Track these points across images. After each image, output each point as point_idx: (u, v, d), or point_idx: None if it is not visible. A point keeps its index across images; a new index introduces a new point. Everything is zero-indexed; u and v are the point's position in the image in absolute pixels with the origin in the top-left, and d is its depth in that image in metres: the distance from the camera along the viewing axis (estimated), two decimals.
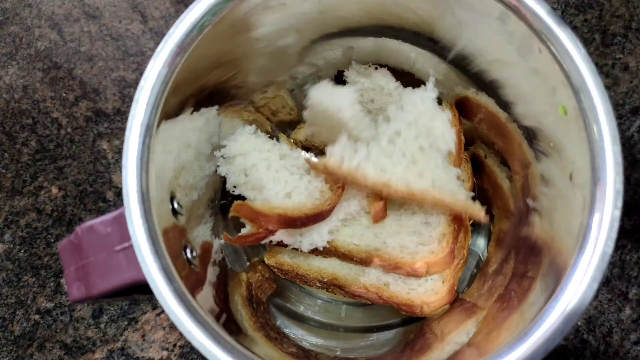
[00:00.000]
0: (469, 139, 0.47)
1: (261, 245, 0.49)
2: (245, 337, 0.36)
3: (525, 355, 0.28)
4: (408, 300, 0.42)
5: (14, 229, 0.54)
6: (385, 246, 0.43)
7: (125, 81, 0.56)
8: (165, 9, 0.58)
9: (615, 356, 0.50)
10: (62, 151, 0.55)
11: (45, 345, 0.52)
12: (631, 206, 0.51)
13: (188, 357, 0.51)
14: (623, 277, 0.51)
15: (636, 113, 0.53)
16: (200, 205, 0.41)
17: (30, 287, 0.53)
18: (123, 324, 0.52)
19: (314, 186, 0.41)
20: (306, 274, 0.46)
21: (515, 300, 0.36)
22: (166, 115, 0.32)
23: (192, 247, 0.36)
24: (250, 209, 0.38)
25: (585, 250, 0.29)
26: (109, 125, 0.56)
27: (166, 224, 0.32)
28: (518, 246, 0.40)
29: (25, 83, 0.57)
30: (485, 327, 0.36)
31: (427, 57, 0.43)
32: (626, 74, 0.54)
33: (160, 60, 0.32)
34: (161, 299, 0.29)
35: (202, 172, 0.41)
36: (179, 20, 0.32)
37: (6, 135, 0.56)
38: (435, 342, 0.39)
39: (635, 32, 0.55)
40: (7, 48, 0.57)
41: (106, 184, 0.55)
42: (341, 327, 0.48)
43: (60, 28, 0.58)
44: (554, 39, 0.31)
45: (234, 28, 0.35)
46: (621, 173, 0.29)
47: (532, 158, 0.38)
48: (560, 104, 0.33)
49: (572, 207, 0.32)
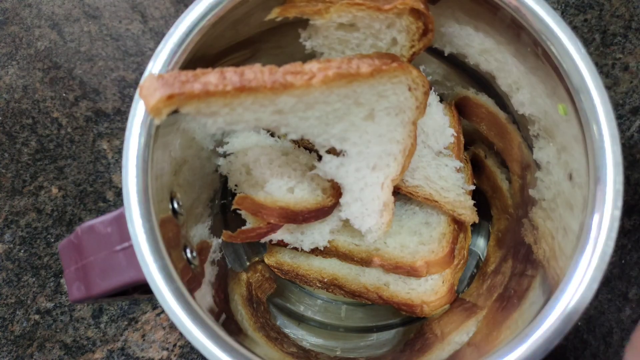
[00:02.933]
0: (468, 139, 0.47)
1: (261, 245, 0.49)
2: (245, 337, 0.36)
3: (525, 355, 0.28)
4: (408, 300, 0.42)
5: (14, 229, 0.54)
6: (386, 246, 0.43)
7: (125, 81, 0.56)
8: (165, 9, 0.58)
9: (615, 356, 0.50)
10: (62, 151, 0.55)
11: (45, 345, 0.52)
12: (631, 206, 0.51)
13: (188, 357, 0.51)
14: (623, 277, 0.51)
15: (636, 113, 0.53)
16: (200, 204, 0.41)
17: (30, 287, 0.53)
18: (123, 324, 0.52)
19: (317, 182, 0.41)
20: (306, 274, 0.46)
21: (514, 299, 0.36)
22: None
23: (192, 247, 0.36)
24: (252, 201, 0.38)
25: (585, 250, 0.29)
26: (109, 125, 0.56)
27: (166, 224, 0.32)
28: (517, 246, 0.40)
29: (25, 83, 0.57)
30: (485, 326, 0.36)
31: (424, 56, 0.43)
32: (626, 74, 0.54)
33: (160, 60, 0.32)
34: (161, 299, 0.29)
35: (202, 170, 0.41)
36: (179, 20, 0.32)
37: (6, 135, 0.56)
38: (435, 342, 0.39)
39: (635, 32, 0.55)
40: (7, 48, 0.57)
41: (106, 184, 0.55)
42: (341, 327, 0.48)
43: (60, 28, 0.58)
44: (554, 39, 0.31)
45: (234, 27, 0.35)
46: (621, 173, 0.29)
47: (531, 160, 0.38)
48: (560, 103, 0.33)
49: (572, 207, 0.32)
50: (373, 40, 0.36)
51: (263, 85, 0.29)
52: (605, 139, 0.29)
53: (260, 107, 0.30)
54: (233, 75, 0.28)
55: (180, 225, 0.35)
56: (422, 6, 0.33)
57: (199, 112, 0.28)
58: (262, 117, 0.30)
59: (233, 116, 0.29)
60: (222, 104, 0.28)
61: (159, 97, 0.26)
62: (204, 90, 0.27)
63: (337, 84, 0.31)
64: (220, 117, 0.29)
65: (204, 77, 0.28)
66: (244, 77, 0.28)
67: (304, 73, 0.30)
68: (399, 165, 0.37)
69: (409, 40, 0.36)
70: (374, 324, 0.49)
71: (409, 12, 0.34)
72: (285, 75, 0.29)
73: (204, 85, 0.27)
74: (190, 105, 0.27)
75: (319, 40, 0.36)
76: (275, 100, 0.30)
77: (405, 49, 0.36)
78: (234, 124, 0.29)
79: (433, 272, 0.42)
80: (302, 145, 0.45)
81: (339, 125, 0.34)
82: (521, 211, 0.41)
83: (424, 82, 0.35)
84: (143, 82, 0.27)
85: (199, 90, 0.27)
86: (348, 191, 0.38)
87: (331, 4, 0.33)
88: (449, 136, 0.43)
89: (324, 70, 0.30)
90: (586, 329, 0.50)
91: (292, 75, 0.30)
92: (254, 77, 0.29)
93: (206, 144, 0.41)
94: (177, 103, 0.27)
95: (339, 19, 0.34)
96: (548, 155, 0.36)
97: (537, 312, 0.30)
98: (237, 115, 0.29)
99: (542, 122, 0.36)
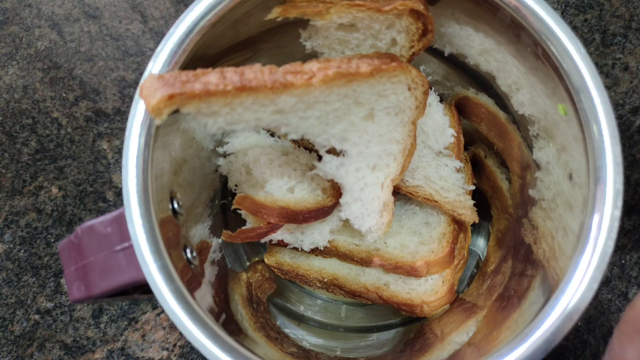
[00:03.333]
0: (469, 139, 0.47)
1: (261, 245, 0.49)
2: (245, 337, 0.36)
3: (525, 355, 0.28)
4: (408, 300, 0.42)
5: (14, 229, 0.54)
6: (386, 246, 0.43)
7: (125, 81, 0.56)
8: (165, 9, 0.58)
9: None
10: (62, 151, 0.55)
11: (45, 345, 0.52)
12: (631, 206, 0.51)
13: (188, 357, 0.51)
14: (623, 277, 0.51)
15: (636, 113, 0.53)
16: (200, 204, 0.41)
17: (30, 287, 0.53)
18: (123, 324, 0.52)
19: (317, 182, 0.41)
20: (306, 273, 0.46)
21: (514, 299, 0.36)
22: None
23: (192, 247, 0.36)
24: (252, 201, 0.38)
25: (585, 250, 0.29)
26: (109, 125, 0.56)
27: (166, 224, 0.32)
28: (517, 246, 0.40)
29: (25, 83, 0.57)
30: (485, 326, 0.36)
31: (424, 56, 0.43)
32: (626, 74, 0.54)
33: (160, 60, 0.32)
34: (161, 299, 0.29)
35: (202, 170, 0.41)
36: (179, 20, 0.32)
37: (6, 135, 0.56)
38: (435, 342, 0.39)
39: (635, 32, 0.55)
40: (7, 48, 0.57)
41: (106, 184, 0.55)
42: (341, 327, 0.48)
43: (60, 28, 0.58)
44: (554, 39, 0.31)
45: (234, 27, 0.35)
46: (621, 173, 0.29)
47: (531, 160, 0.38)
48: (560, 103, 0.33)
49: (572, 207, 0.32)
50: (373, 40, 0.36)
51: (263, 85, 0.29)
52: (605, 139, 0.29)
53: (260, 107, 0.30)
54: (233, 75, 0.28)
55: (180, 225, 0.35)
56: (422, 7, 0.33)
57: (200, 112, 0.28)
58: (262, 116, 0.30)
59: (233, 116, 0.29)
60: (222, 103, 0.28)
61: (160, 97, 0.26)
62: (204, 90, 0.27)
63: (337, 84, 0.31)
64: (221, 117, 0.29)
65: (205, 77, 0.28)
66: (244, 77, 0.28)
67: (304, 72, 0.30)
68: (399, 165, 0.37)
69: (408, 41, 0.36)
70: (374, 324, 0.49)
71: (408, 13, 0.34)
72: (286, 74, 0.30)
73: (204, 85, 0.27)
74: (191, 105, 0.28)
75: (319, 41, 0.36)
76: (276, 100, 0.30)
77: (405, 49, 0.36)
78: (234, 123, 0.29)
79: (433, 272, 0.42)
80: (302, 145, 0.45)
81: (339, 125, 0.34)
82: (521, 211, 0.41)
83: (423, 81, 0.35)
84: (143, 82, 0.27)
85: (199, 90, 0.27)
86: (348, 191, 0.38)
87: (331, 5, 0.34)
88: (449, 136, 0.43)
89: (323, 70, 0.30)
90: (586, 329, 0.50)
91: (292, 75, 0.30)
92: (254, 77, 0.29)
93: (206, 144, 0.41)
94: (177, 103, 0.27)
95: (339, 19, 0.34)
96: (548, 155, 0.36)
97: (537, 312, 0.30)
98: (238, 115, 0.29)
99: (542, 122, 0.36)
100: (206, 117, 0.29)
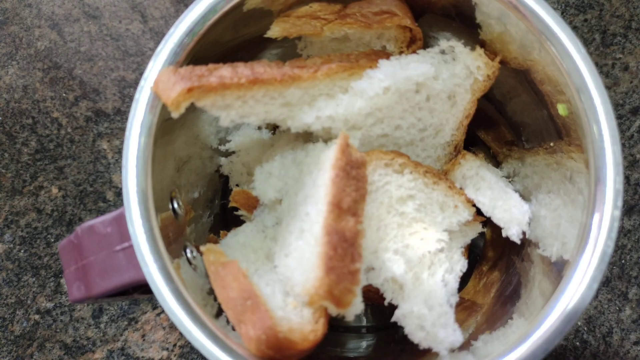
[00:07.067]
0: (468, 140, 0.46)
1: None
2: None
3: (525, 355, 0.28)
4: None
5: (14, 229, 0.54)
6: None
7: (125, 81, 0.56)
8: (165, 9, 0.58)
9: (615, 356, 0.50)
10: (62, 151, 0.55)
11: (45, 345, 0.52)
12: (631, 206, 0.51)
13: (188, 357, 0.51)
14: (623, 277, 0.51)
15: (636, 113, 0.53)
16: (200, 205, 0.41)
17: (30, 287, 0.53)
18: (123, 324, 0.52)
19: None
20: None
21: (513, 294, 0.36)
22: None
23: (192, 247, 0.36)
24: (249, 196, 0.38)
25: (585, 250, 0.29)
26: (109, 125, 0.56)
27: (166, 224, 0.32)
28: (514, 244, 0.40)
29: (25, 83, 0.57)
30: (484, 324, 0.36)
31: None
32: (626, 74, 0.54)
33: (160, 60, 0.32)
34: (161, 299, 0.29)
35: (203, 170, 0.41)
36: (179, 20, 0.32)
37: (6, 135, 0.56)
38: None
39: (635, 32, 0.55)
40: (7, 48, 0.57)
41: (106, 184, 0.55)
42: (341, 327, 0.48)
43: (60, 28, 0.58)
44: (554, 39, 0.31)
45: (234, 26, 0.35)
46: (621, 173, 0.29)
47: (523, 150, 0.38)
48: (560, 103, 0.33)
49: (572, 207, 0.32)
50: (364, 49, 0.38)
51: (274, 78, 0.30)
52: (605, 139, 0.29)
53: (270, 100, 0.31)
54: (244, 69, 0.30)
55: (180, 225, 0.35)
56: (409, 22, 0.36)
57: (214, 105, 0.30)
58: (271, 109, 0.32)
59: (245, 109, 0.31)
60: (235, 96, 0.30)
61: (180, 91, 0.27)
62: (220, 83, 0.29)
63: (339, 76, 0.33)
64: (233, 110, 0.30)
65: (218, 71, 0.29)
66: (255, 70, 0.30)
67: (309, 66, 0.32)
68: None
69: (397, 47, 0.38)
70: (374, 324, 0.49)
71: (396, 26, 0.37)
72: (293, 68, 0.32)
73: (219, 79, 0.29)
74: (207, 98, 0.29)
75: (315, 51, 0.39)
76: (284, 93, 0.32)
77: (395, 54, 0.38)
78: (245, 116, 0.31)
79: None
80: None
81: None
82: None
83: None
84: (159, 77, 0.28)
85: (216, 83, 0.29)
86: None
87: (325, 22, 0.36)
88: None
89: (327, 63, 0.33)
90: (586, 329, 0.50)
91: (298, 69, 0.32)
92: (264, 71, 0.30)
93: (210, 142, 0.41)
94: (195, 96, 0.28)
95: (332, 35, 0.37)
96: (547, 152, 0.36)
97: (537, 312, 0.30)
98: (249, 107, 0.31)
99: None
100: (220, 110, 0.30)
